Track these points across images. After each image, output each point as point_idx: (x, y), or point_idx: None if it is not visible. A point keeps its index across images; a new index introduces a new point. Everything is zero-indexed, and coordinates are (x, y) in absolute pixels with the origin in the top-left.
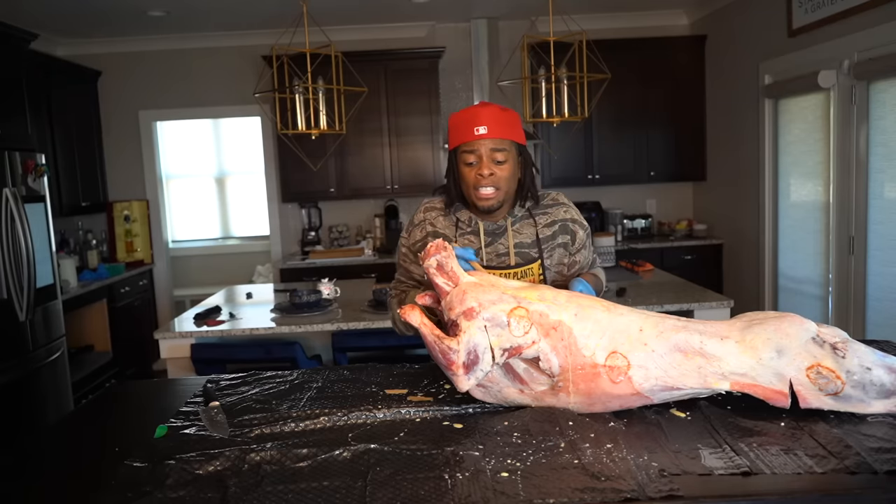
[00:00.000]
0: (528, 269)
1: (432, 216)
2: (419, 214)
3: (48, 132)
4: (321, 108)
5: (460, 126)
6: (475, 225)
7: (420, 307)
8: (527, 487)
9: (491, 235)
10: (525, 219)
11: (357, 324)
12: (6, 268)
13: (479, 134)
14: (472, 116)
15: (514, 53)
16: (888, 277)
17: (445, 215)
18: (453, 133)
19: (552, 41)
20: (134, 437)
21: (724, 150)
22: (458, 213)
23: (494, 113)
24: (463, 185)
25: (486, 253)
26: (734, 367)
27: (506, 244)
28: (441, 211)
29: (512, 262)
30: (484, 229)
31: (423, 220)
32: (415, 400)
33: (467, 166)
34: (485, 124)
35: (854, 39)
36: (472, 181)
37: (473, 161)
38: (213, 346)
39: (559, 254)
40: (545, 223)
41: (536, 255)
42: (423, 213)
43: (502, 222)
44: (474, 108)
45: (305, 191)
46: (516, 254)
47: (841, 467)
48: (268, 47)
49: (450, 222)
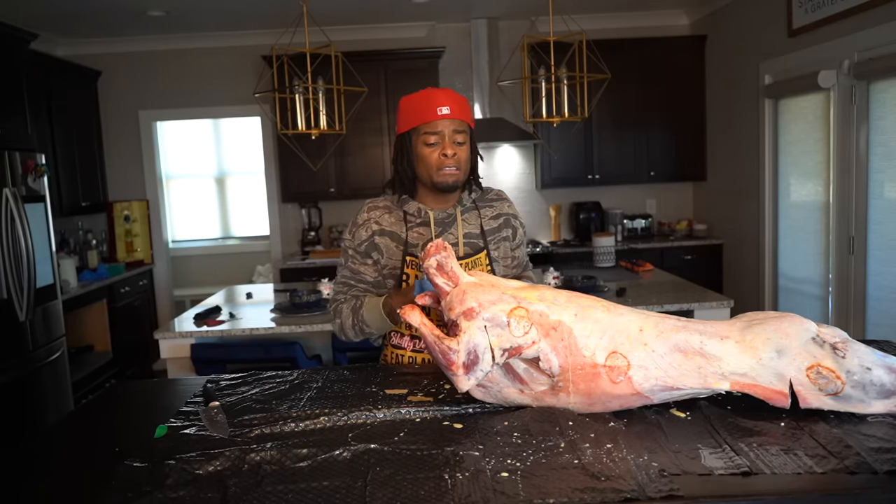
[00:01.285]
0: (477, 258)
1: (377, 215)
2: (363, 214)
3: (48, 132)
4: (321, 108)
5: (419, 106)
6: (425, 216)
7: (420, 307)
8: (527, 487)
9: (441, 225)
10: (471, 209)
11: None
12: (6, 268)
13: (441, 114)
14: (432, 97)
15: (514, 53)
16: (888, 277)
17: (391, 212)
18: (409, 115)
19: (552, 41)
20: (134, 437)
21: (724, 150)
22: (406, 206)
23: (453, 95)
24: (421, 166)
25: None
26: (734, 367)
27: (455, 234)
28: (385, 209)
29: (461, 252)
30: (434, 219)
31: (367, 220)
32: (415, 400)
33: (428, 147)
34: (447, 105)
35: (854, 39)
36: (434, 162)
37: (435, 141)
38: (213, 346)
39: (504, 247)
40: (491, 215)
41: (482, 245)
42: (366, 212)
43: (451, 210)
44: (431, 90)
45: (305, 191)
46: (465, 244)
47: (841, 467)
48: (268, 47)
49: (397, 218)
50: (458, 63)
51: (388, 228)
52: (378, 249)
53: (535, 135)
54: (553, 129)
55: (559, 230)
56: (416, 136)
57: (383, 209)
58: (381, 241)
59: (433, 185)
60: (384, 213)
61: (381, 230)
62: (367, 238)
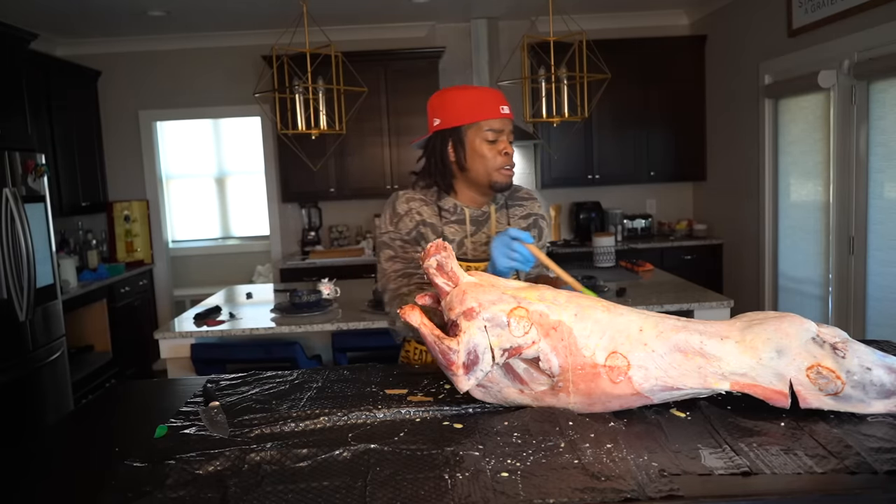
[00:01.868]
0: None
1: (416, 206)
2: (402, 205)
3: (48, 132)
4: (321, 108)
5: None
6: (461, 212)
7: (419, 307)
8: (527, 487)
9: (475, 224)
10: (502, 208)
11: (357, 324)
12: (6, 268)
13: (504, 113)
14: (492, 95)
15: (514, 53)
16: (888, 277)
17: (427, 205)
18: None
19: (552, 41)
20: (134, 437)
21: (724, 150)
22: (442, 202)
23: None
24: (478, 163)
25: (471, 242)
26: (734, 367)
27: (488, 232)
28: (422, 201)
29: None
30: (469, 216)
31: (409, 210)
32: (415, 400)
33: (489, 144)
34: (506, 105)
35: (854, 39)
36: (494, 160)
37: (496, 139)
38: (213, 346)
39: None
40: (520, 215)
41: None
42: (405, 202)
43: (486, 208)
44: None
45: (305, 191)
46: None
47: (841, 467)
48: (268, 47)
49: (433, 211)
50: (458, 63)
51: (429, 220)
52: (424, 238)
53: (535, 135)
54: (553, 129)
55: (559, 230)
56: (475, 131)
57: (420, 201)
58: (425, 231)
59: (489, 184)
60: (422, 204)
61: (423, 220)
62: (413, 227)
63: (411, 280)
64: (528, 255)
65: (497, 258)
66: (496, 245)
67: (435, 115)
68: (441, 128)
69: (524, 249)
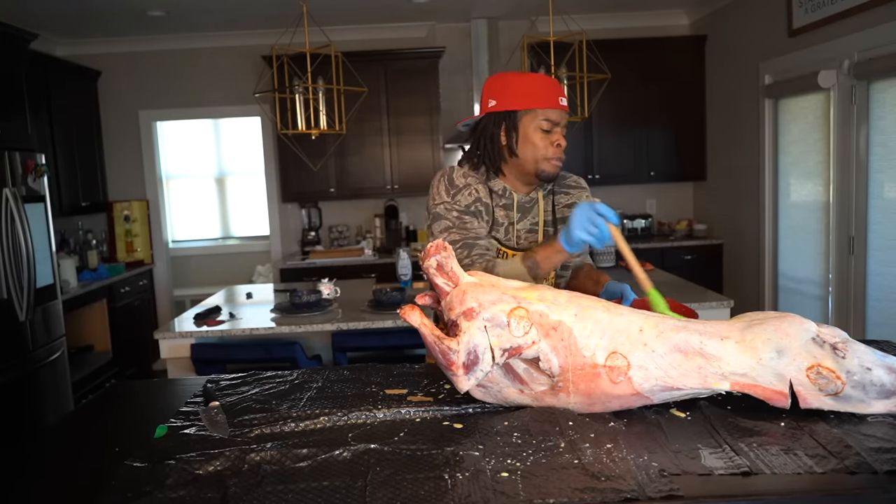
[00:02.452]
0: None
1: (473, 182)
2: (460, 178)
3: (48, 132)
4: (321, 108)
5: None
6: (509, 196)
7: (419, 307)
8: (527, 487)
9: (521, 210)
10: (548, 195)
11: (357, 324)
12: (6, 268)
13: (562, 105)
14: (553, 85)
15: (514, 53)
16: (888, 277)
17: (481, 183)
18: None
19: (552, 41)
20: (134, 437)
21: (724, 150)
22: (491, 184)
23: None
24: (529, 149)
25: (517, 230)
26: (734, 368)
27: (535, 219)
28: (476, 178)
29: (541, 237)
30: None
31: (467, 185)
32: (415, 400)
33: (543, 132)
34: (564, 96)
35: (854, 39)
36: (546, 149)
37: (550, 129)
38: (213, 346)
39: None
40: (565, 203)
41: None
42: (463, 177)
43: (534, 194)
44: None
45: (305, 191)
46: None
47: (841, 467)
48: (268, 47)
49: (486, 191)
50: (458, 63)
51: (484, 199)
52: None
53: None
54: None
55: None
56: (531, 118)
57: (475, 178)
58: (483, 209)
59: (536, 172)
60: (477, 182)
61: (479, 199)
62: (472, 202)
63: (472, 251)
64: (607, 234)
65: (575, 228)
66: (578, 215)
67: (491, 96)
68: (496, 109)
69: (605, 227)
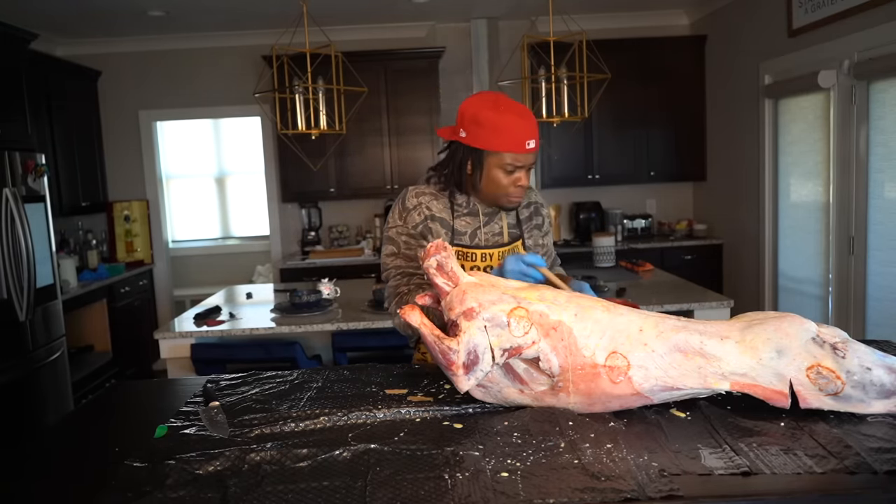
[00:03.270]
0: (514, 246)
1: (426, 200)
2: (411, 199)
3: (48, 132)
4: (321, 108)
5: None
6: (473, 206)
7: (419, 307)
8: (527, 487)
9: (487, 215)
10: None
11: (357, 324)
12: (6, 268)
13: (529, 148)
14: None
15: (514, 53)
16: (888, 277)
17: (437, 199)
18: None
19: (552, 41)
20: (134, 437)
21: (724, 150)
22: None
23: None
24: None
25: (483, 233)
26: (734, 368)
27: (500, 224)
28: (432, 195)
29: (505, 239)
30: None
31: (418, 205)
32: (415, 400)
33: (505, 173)
34: (534, 138)
35: (854, 39)
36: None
37: (514, 171)
38: (213, 346)
39: (535, 235)
40: (523, 205)
41: (519, 233)
42: (415, 197)
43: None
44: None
45: (305, 191)
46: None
47: (841, 467)
48: (268, 47)
49: (444, 205)
50: (458, 63)
51: (438, 215)
52: (431, 233)
53: None
54: (553, 129)
55: (559, 230)
56: (496, 159)
57: (430, 195)
58: (433, 227)
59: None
60: (432, 199)
61: (431, 215)
62: (420, 221)
63: (411, 280)
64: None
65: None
66: (511, 268)
67: (462, 125)
68: (465, 142)
69: (537, 273)
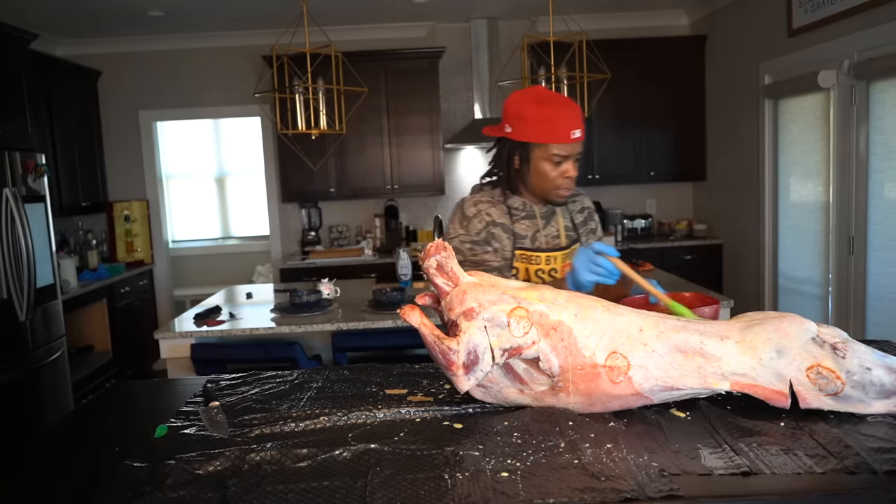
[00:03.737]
0: (572, 249)
1: (485, 207)
2: (470, 208)
3: (48, 132)
4: (321, 108)
5: (552, 124)
6: (529, 209)
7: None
8: (527, 487)
9: (544, 218)
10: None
11: (357, 324)
12: (6, 268)
13: (574, 138)
14: (569, 117)
15: (514, 53)
16: (888, 277)
17: (495, 205)
18: (538, 127)
19: (552, 41)
20: (134, 437)
21: (724, 150)
22: (510, 201)
23: (579, 113)
24: (538, 180)
25: (543, 235)
26: (734, 368)
27: (556, 227)
28: (489, 202)
29: (563, 242)
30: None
31: (478, 212)
32: (415, 400)
33: (553, 165)
34: (580, 128)
35: (854, 39)
36: (555, 179)
37: (561, 161)
38: (213, 346)
39: (591, 239)
40: (577, 209)
41: (576, 237)
42: (473, 206)
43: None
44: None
45: (305, 191)
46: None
47: (841, 467)
48: (268, 47)
49: (501, 211)
50: (458, 63)
51: (499, 220)
52: (494, 238)
53: None
54: None
55: None
56: (542, 151)
57: (487, 202)
58: (496, 231)
59: (544, 200)
60: (489, 205)
61: (492, 221)
62: (482, 228)
63: None
64: (613, 269)
65: (581, 272)
66: (580, 259)
67: (508, 121)
68: (511, 137)
69: (608, 263)
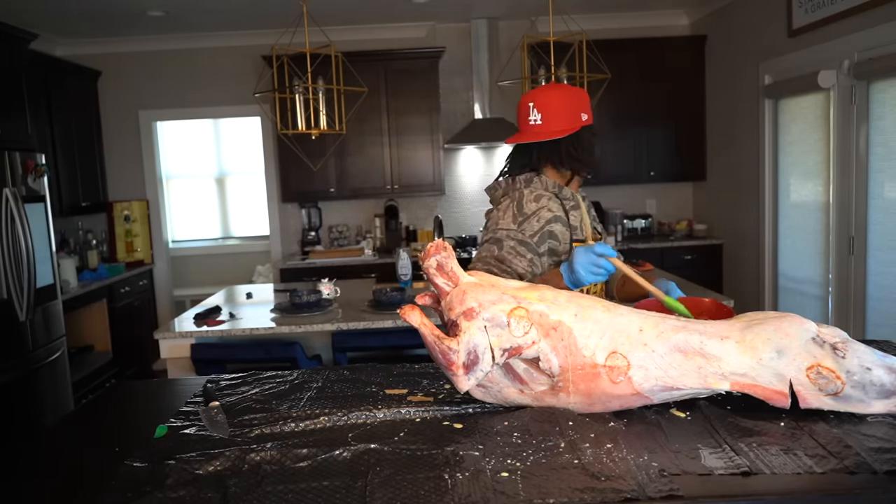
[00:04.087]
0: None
1: (545, 202)
2: (530, 204)
3: (48, 132)
4: (321, 108)
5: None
6: (574, 198)
7: (419, 307)
8: (527, 487)
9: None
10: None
11: (357, 324)
12: (6, 268)
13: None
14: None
15: (514, 53)
16: (888, 277)
17: (551, 198)
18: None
19: (552, 41)
20: (134, 437)
21: (724, 150)
22: (562, 192)
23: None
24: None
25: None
26: (734, 368)
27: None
28: (548, 195)
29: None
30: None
31: (538, 209)
32: (415, 400)
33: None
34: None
35: (854, 39)
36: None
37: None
38: (213, 346)
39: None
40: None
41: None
42: (534, 201)
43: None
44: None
45: (305, 191)
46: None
47: (841, 467)
48: (268, 47)
49: (556, 204)
50: (458, 63)
51: (558, 213)
52: (554, 237)
53: None
54: None
55: None
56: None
57: (546, 196)
58: (557, 228)
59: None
60: (549, 200)
61: (554, 217)
62: (539, 229)
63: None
64: (612, 269)
65: (583, 274)
66: (581, 261)
67: (583, 110)
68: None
69: (610, 265)
